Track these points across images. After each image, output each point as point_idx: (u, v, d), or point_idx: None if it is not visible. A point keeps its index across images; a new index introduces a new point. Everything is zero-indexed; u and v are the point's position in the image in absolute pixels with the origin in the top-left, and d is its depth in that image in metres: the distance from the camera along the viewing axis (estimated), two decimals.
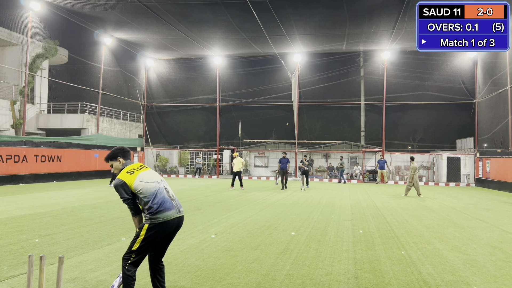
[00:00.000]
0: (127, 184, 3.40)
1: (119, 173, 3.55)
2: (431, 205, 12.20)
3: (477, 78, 24.56)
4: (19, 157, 17.39)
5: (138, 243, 3.34)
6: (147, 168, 3.66)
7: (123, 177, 3.45)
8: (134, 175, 3.46)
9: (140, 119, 29.55)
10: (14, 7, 20.00)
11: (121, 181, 3.42)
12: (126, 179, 3.43)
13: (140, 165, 3.64)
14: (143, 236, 3.34)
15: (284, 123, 27.99)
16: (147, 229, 3.35)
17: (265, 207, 10.86)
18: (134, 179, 3.43)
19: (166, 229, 3.43)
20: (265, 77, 28.61)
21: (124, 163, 3.66)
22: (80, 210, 9.63)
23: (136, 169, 3.54)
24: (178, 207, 3.53)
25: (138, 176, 3.46)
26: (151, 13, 19.79)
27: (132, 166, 3.60)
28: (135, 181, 3.42)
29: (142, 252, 3.38)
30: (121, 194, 3.42)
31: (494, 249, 6.21)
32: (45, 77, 24.73)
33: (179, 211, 3.53)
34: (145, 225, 3.36)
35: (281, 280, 4.48)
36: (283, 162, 17.51)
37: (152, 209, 3.36)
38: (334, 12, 19.74)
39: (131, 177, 3.44)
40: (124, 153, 3.70)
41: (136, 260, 3.37)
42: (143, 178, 3.47)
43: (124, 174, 3.48)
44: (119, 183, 3.42)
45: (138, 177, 3.45)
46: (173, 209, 3.46)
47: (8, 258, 5.12)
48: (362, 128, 28.47)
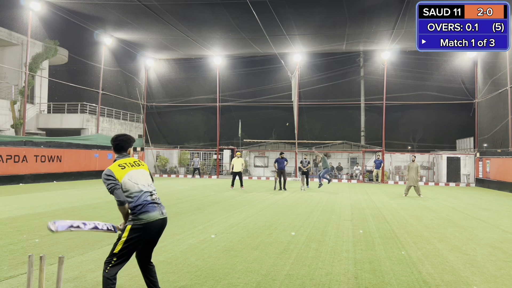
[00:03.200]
0: (115, 176, 3.33)
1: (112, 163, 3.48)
2: (431, 205, 12.20)
3: (477, 78, 24.56)
4: (19, 157, 17.39)
5: (120, 245, 3.26)
6: (140, 166, 3.55)
7: (113, 169, 3.37)
8: (125, 171, 3.39)
9: (140, 119, 29.56)
10: (14, 7, 19.99)
11: (109, 171, 3.35)
12: (116, 172, 3.35)
13: (134, 161, 3.54)
14: (125, 238, 3.26)
15: (284, 123, 27.99)
16: (130, 230, 3.27)
17: (265, 207, 10.86)
18: (124, 175, 3.36)
19: (149, 231, 3.35)
20: (265, 77, 28.61)
21: (117, 156, 3.57)
22: (80, 210, 9.63)
23: (127, 165, 3.45)
24: (161, 209, 3.46)
25: (127, 174, 3.38)
26: (151, 13, 19.79)
27: (125, 160, 3.50)
28: (124, 177, 3.35)
29: (124, 256, 3.29)
30: (107, 184, 3.32)
31: (494, 249, 6.21)
32: (45, 77, 24.74)
33: (162, 213, 3.45)
34: (128, 226, 3.28)
35: (281, 280, 4.48)
36: (280, 162, 16.96)
37: (135, 210, 3.30)
38: (334, 12, 19.74)
39: (121, 172, 3.37)
40: (116, 147, 3.59)
41: (117, 264, 3.26)
42: (132, 178, 3.39)
43: (115, 167, 3.39)
44: (107, 173, 3.34)
45: (127, 175, 3.37)
46: (156, 211, 3.39)
47: (8, 258, 5.12)
48: (362, 128, 28.47)
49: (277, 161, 17.09)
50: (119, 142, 3.60)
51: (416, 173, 14.64)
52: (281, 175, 17.04)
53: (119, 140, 3.60)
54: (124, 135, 3.68)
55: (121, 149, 3.59)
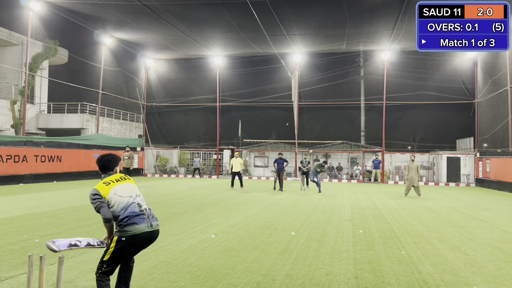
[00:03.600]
0: (101, 194, 3.44)
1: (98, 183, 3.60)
2: (431, 205, 12.20)
3: (477, 78, 24.56)
4: (19, 157, 17.39)
5: (109, 254, 3.38)
6: (126, 180, 3.66)
7: (99, 187, 3.49)
8: (109, 187, 3.49)
9: (140, 119, 29.55)
10: (14, 7, 19.98)
11: (95, 191, 3.47)
12: (101, 190, 3.47)
13: (119, 177, 3.66)
14: (113, 248, 3.37)
15: (284, 123, 27.99)
16: (117, 241, 3.36)
17: (265, 207, 10.86)
18: (109, 191, 3.46)
19: (136, 243, 3.42)
20: (265, 77, 28.60)
21: (103, 175, 3.68)
22: (80, 210, 9.63)
23: (113, 181, 3.56)
24: (151, 221, 3.49)
25: (112, 189, 3.48)
26: (151, 13, 19.79)
27: (110, 178, 3.62)
28: (109, 193, 3.45)
29: (113, 263, 3.42)
30: (94, 203, 3.42)
31: (494, 249, 6.21)
32: (45, 77, 24.73)
33: (151, 225, 3.47)
34: (115, 237, 3.38)
35: (281, 280, 4.48)
36: (279, 162, 16.79)
37: (122, 222, 3.37)
38: (334, 12, 19.73)
39: (106, 188, 3.48)
40: (102, 167, 3.71)
41: (108, 270, 3.40)
42: (117, 192, 3.48)
43: (101, 185, 3.51)
44: (93, 193, 3.46)
45: (112, 190, 3.47)
46: (144, 223, 3.43)
47: (8, 258, 5.12)
48: (362, 128, 28.47)
49: (276, 161, 16.98)
50: (105, 162, 3.72)
51: (415, 173, 14.63)
52: (278, 175, 16.88)
53: (104, 161, 3.72)
54: (109, 155, 3.78)
55: (107, 169, 3.71)
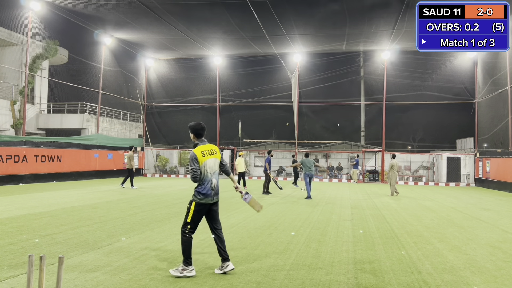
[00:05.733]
0: (198, 161, 4.47)
1: (194, 148, 4.58)
2: (431, 205, 12.20)
3: (477, 78, 24.56)
4: (19, 157, 17.38)
5: (190, 216, 4.52)
6: (213, 155, 4.62)
7: (198, 153, 4.49)
8: (205, 159, 4.52)
9: (140, 119, 29.55)
10: (14, 7, 19.98)
11: (194, 155, 4.47)
12: (199, 157, 4.49)
13: (211, 150, 4.63)
14: (192, 210, 4.52)
15: (284, 123, 27.99)
16: (195, 205, 4.53)
17: (265, 207, 10.86)
18: (203, 162, 4.50)
19: (205, 207, 4.61)
20: (265, 77, 28.60)
21: (197, 141, 4.65)
22: (80, 210, 9.63)
23: (207, 154, 4.56)
24: (214, 196, 4.61)
25: (205, 162, 4.51)
26: (151, 13, 19.78)
27: (205, 147, 4.59)
28: (203, 164, 4.49)
29: (194, 222, 4.56)
30: (192, 165, 4.45)
31: (494, 249, 6.21)
32: (45, 77, 24.73)
33: (213, 198, 4.62)
34: (193, 202, 4.54)
35: (281, 280, 4.48)
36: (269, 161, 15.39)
37: (200, 191, 4.51)
38: (334, 12, 19.72)
39: (202, 159, 4.51)
40: (198, 135, 4.67)
41: (191, 228, 4.54)
42: (206, 166, 4.52)
43: (199, 153, 4.50)
44: (193, 157, 4.47)
45: (205, 162, 4.51)
46: (210, 197, 4.57)
47: (8, 258, 5.12)
48: (362, 128, 28.47)
49: (268, 160, 15.47)
50: (200, 131, 4.68)
51: (393, 172, 15.02)
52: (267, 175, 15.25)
53: (200, 129, 4.68)
54: (199, 124, 4.70)
55: (200, 136, 4.70)
